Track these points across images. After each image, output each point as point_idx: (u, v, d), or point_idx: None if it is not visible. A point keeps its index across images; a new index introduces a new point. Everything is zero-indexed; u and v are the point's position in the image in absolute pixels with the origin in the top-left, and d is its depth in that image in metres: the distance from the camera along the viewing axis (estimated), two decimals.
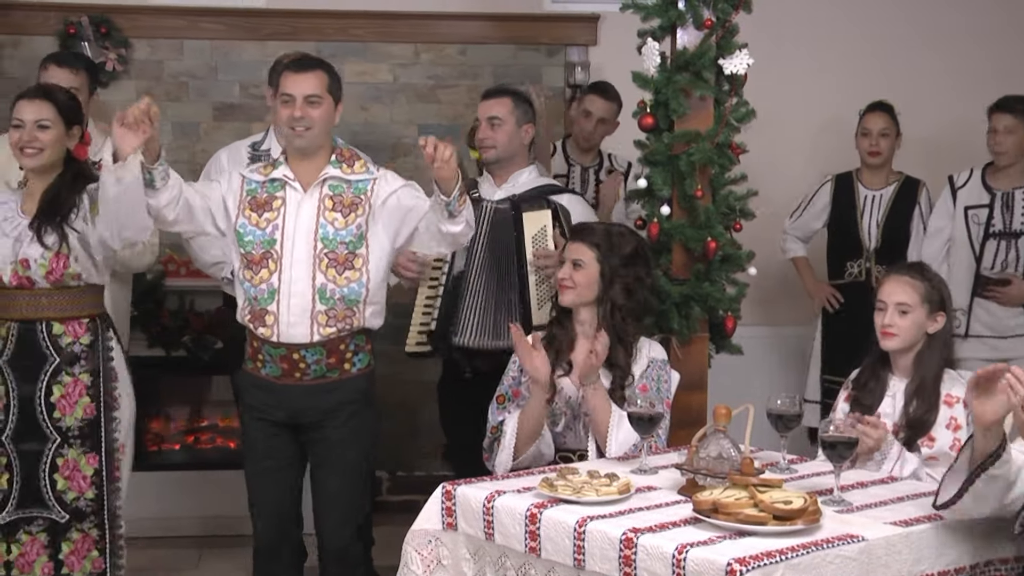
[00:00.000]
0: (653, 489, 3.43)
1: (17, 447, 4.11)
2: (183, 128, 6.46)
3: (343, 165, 4.13)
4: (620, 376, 3.97)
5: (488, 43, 6.59)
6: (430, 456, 6.53)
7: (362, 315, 4.10)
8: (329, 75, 4.13)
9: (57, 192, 4.13)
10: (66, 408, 4.13)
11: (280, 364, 4.09)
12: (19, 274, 4.08)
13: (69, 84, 4.73)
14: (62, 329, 4.13)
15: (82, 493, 4.15)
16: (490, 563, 3.38)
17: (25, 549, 4.13)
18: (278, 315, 4.05)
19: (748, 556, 2.85)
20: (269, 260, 4.07)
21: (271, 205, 4.10)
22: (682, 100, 4.33)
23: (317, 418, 4.12)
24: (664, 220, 4.38)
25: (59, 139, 4.13)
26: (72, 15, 6.26)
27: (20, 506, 4.12)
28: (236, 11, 6.45)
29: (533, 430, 3.95)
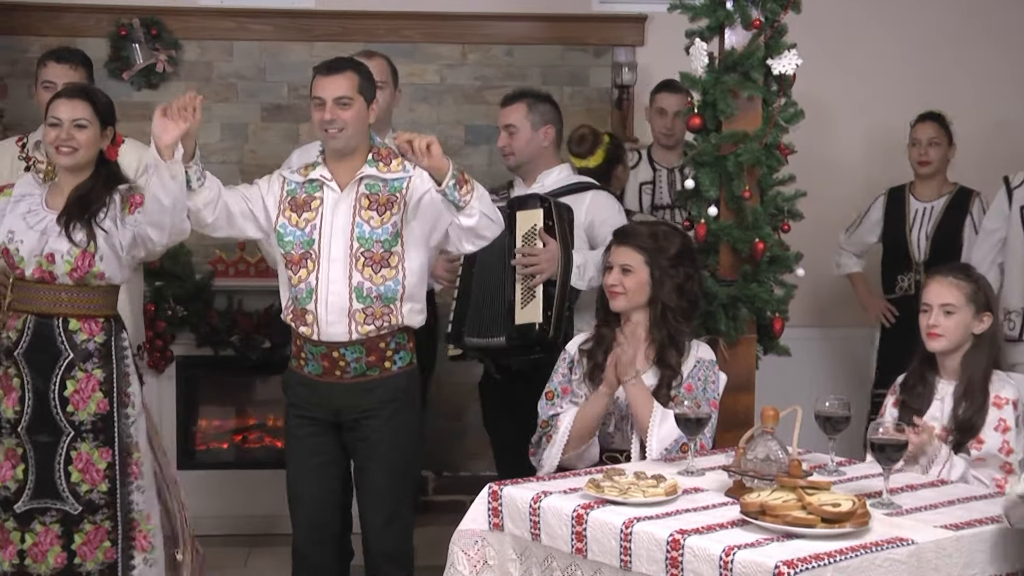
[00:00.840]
0: (700, 491, 3.42)
1: (32, 438, 4.12)
2: (232, 129, 6.50)
3: (379, 164, 4.14)
4: (669, 376, 3.95)
5: (535, 44, 6.58)
6: (476, 456, 6.53)
7: (400, 313, 4.11)
8: (360, 75, 4.14)
9: (89, 190, 4.13)
10: (79, 403, 4.13)
11: (321, 362, 4.11)
12: (43, 268, 4.09)
13: (68, 80, 4.75)
14: (78, 326, 4.14)
15: (95, 486, 4.15)
16: (536, 564, 3.37)
17: (39, 539, 4.13)
18: (317, 314, 4.07)
19: (796, 559, 2.83)
20: (308, 260, 4.09)
21: (310, 205, 4.13)
22: (730, 101, 4.31)
23: (358, 416, 4.13)
24: (711, 221, 4.35)
25: (95, 139, 4.13)
26: (123, 17, 6.31)
27: (35, 496, 4.13)
28: (285, 12, 6.47)
29: (588, 430, 3.94)
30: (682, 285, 4.00)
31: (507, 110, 4.81)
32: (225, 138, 6.48)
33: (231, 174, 6.26)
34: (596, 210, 4.68)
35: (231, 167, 6.36)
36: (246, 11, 6.45)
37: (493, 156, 6.53)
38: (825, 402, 3.54)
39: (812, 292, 6.14)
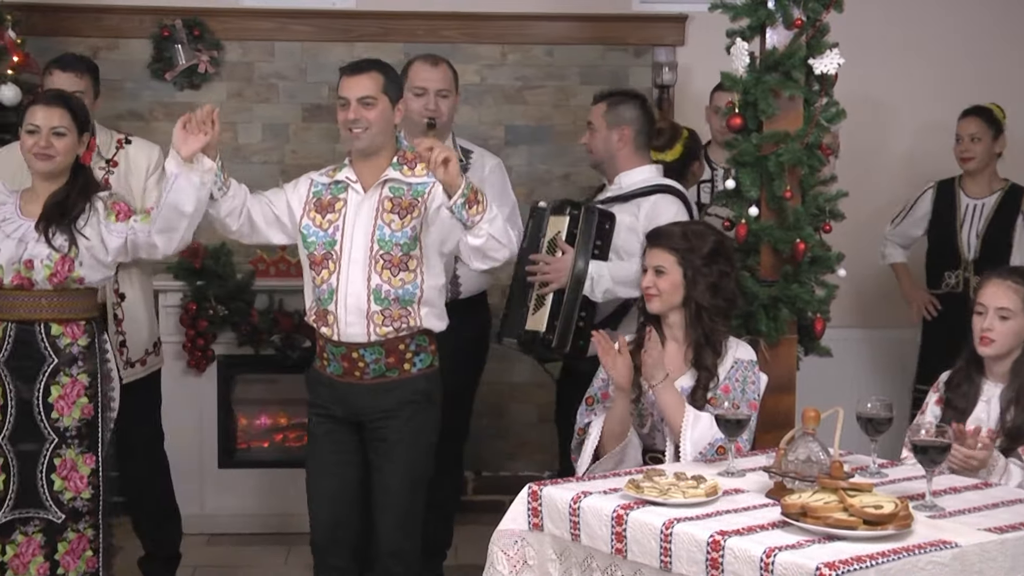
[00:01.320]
0: (740, 492, 3.40)
1: (15, 447, 4.12)
2: (273, 129, 6.52)
3: (404, 168, 4.15)
4: (706, 377, 3.93)
5: (575, 44, 6.57)
6: (515, 456, 6.54)
7: (418, 316, 4.12)
8: (385, 76, 4.15)
9: (65, 196, 4.15)
10: (64, 408, 4.14)
11: (342, 363, 4.13)
12: (21, 275, 4.10)
13: (74, 88, 4.73)
14: (60, 330, 4.15)
15: (79, 493, 4.16)
16: (576, 564, 3.36)
17: (21, 550, 4.13)
18: (337, 315, 4.08)
19: (838, 561, 2.81)
20: (329, 261, 4.11)
21: (334, 207, 4.15)
22: (771, 100, 4.28)
23: (377, 417, 4.14)
24: (752, 221, 4.33)
25: (72, 146, 4.17)
26: (166, 18, 6.35)
27: (17, 506, 4.13)
28: (326, 13, 6.49)
29: (618, 432, 3.92)
30: (716, 284, 3.96)
31: (592, 108, 4.84)
32: (266, 138, 6.50)
33: (272, 174, 6.28)
34: (654, 214, 4.64)
35: (272, 167, 6.39)
36: (287, 12, 6.47)
37: (533, 156, 6.54)
38: (867, 403, 3.51)
39: (855, 292, 6.12)
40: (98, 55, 6.36)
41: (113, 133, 5.03)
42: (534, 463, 6.37)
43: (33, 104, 4.22)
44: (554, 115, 6.56)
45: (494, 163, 5.21)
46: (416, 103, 4.86)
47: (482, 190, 4.01)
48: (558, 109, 6.57)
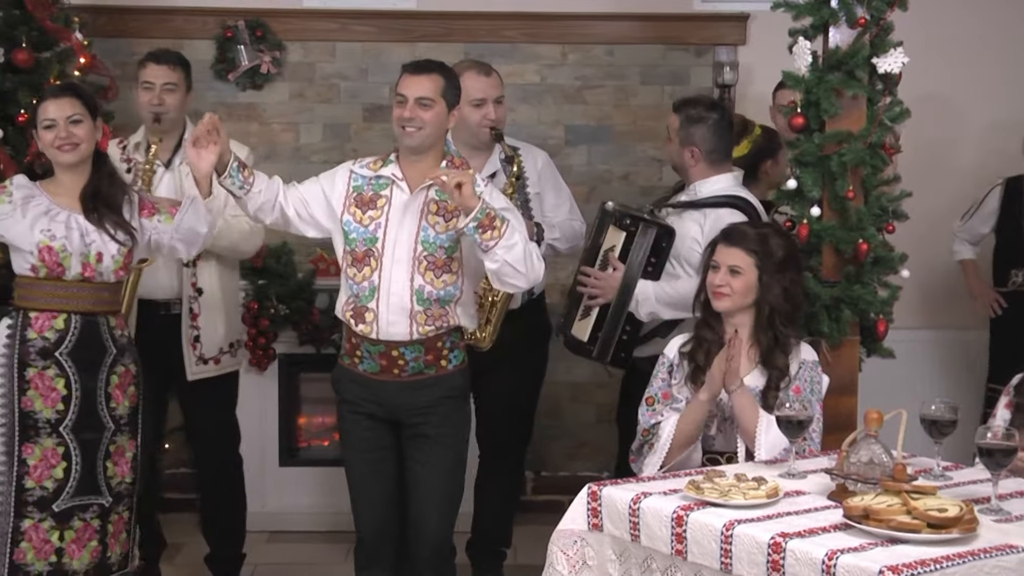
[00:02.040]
0: (802, 494, 3.37)
1: (78, 436, 4.19)
2: (334, 129, 6.55)
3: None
4: (777, 377, 3.91)
5: (636, 43, 6.55)
6: (574, 456, 6.53)
7: (455, 314, 4.15)
8: (446, 79, 4.14)
9: (98, 188, 4.22)
10: (119, 397, 4.24)
11: (379, 360, 4.12)
12: (90, 268, 4.16)
13: (167, 79, 4.92)
14: (115, 322, 4.26)
15: (123, 477, 4.26)
16: (636, 565, 3.36)
17: (78, 535, 4.19)
18: (378, 313, 4.08)
19: (901, 564, 2.79)
20: (371, 258, 4.10)
21: (375, 203, 4.14)
22: (834, 100, 4.25)
23: (415, 414, 4.15)
24: (814, 221, 4.29)
25: (91, 132, 4.21)
26: (229, 19, 6.40)
27: (77, 494, 4.18)
28: (387, 13, 6.50)
29: (691, 436, 3.91)
30: (788, 289, 3.96)
31: (670, 117, 4.84)
32: (327, 138, 6.53)
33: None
34: (717, 228, 4.62)
35: (332, 167, 6.38)
36: (349, 12, 6.49)
37: (593, 156, 6.53)
38: (931, 405, 3.48)
39: (923, 292, 6.07)
40: None
41: None
42: (593, 463, 6.35)
43: (42, 101, 4.26)
44: (614, 115, 6.55)
45: (543, 158, 5.18)
46: (476, 114, 4.84)
47: (505, 217, 3.97)
48: (618, 109, 6.55)
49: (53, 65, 5.63)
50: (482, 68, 4.95)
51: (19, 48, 5.57)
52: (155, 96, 4.93)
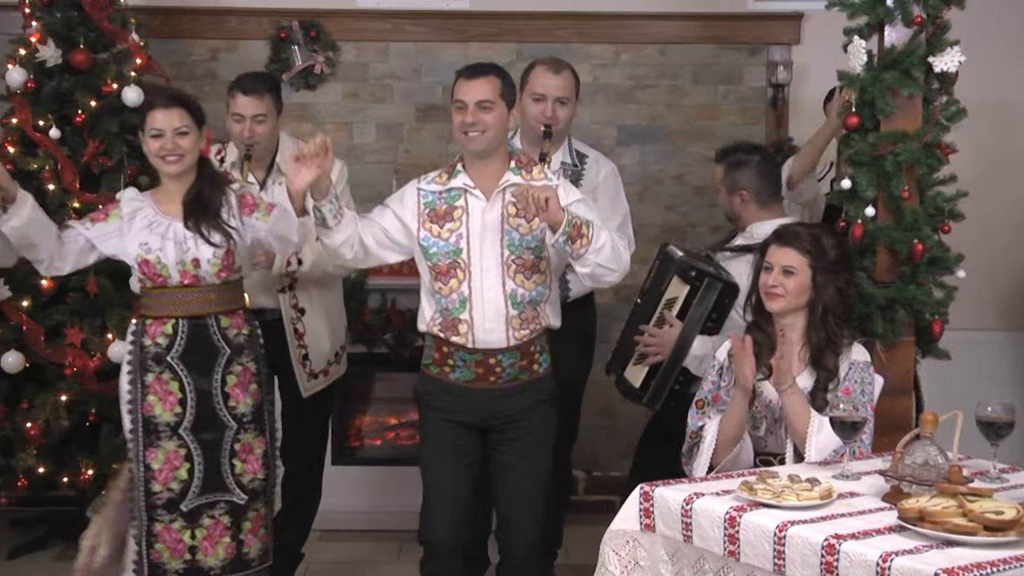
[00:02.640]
0: (856, 495, 3.35)
1: (197, 437, 4.24)
2: (387, 129, 6.58)
3: (522, 172, 4.13)
4: (826, 377, 3.89)
5: (689, 43, 6.55)
6: (626, 456, 6.50)
7: (545, 315, 4.15)
8: (502, 80, 4.13)
9: (198, 193, 4.25)
10: (239, 396, 4.29)
11: (475, 369, 4.11)
12: (190, 273, 4.22)
13: (256, 111, 4.80)
14: (228, 322, 4.30)
15: (255, 474, 4.32)
16: (688, 565, 3.35)
17: (208, 532, 4.26)
18: (472, 323, 4.07)
19: (957, 567, 2.77)
20: (457, 269, 4.09)
21: (452, 215, 4.12)
22: (889, 99, 4.21)
23: (509, 420, 4.14)
24: (868, 222, 4.27)
25: (196, 143, 4.26)
26: (283, 20, 6.45)
27: (202, 493, 4.26)
28: (440, 13, 6.53)
29: (734, 435, 3.89)
30: (843, 289, 3.95)
31: (714, 168, 4.87)
32: (380, 138, 6.56)
33: (386, 173, 6.34)
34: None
35: (386, 167, 6.44)
36: (402, 13, 6.52)
37: (645, 156, 6.53)
38: (987, 407, 3.44)
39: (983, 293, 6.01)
40: (218, 56, 6.50)
41: (298, 141, 5.12)
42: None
43: (151, 108, 4.29)
44: (667, 114, 6.54)
45: (608, 170, 5.10)
46: (534, 108, 4.84)
47: (588, 221, 3.95)
48: (671, 108, 6.54)
49: (110, 66, 5.71)
50: (552, 66, 4.90)
51: (77, 49, 5.66)
52: (246, 128, 4.81)
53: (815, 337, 3.93)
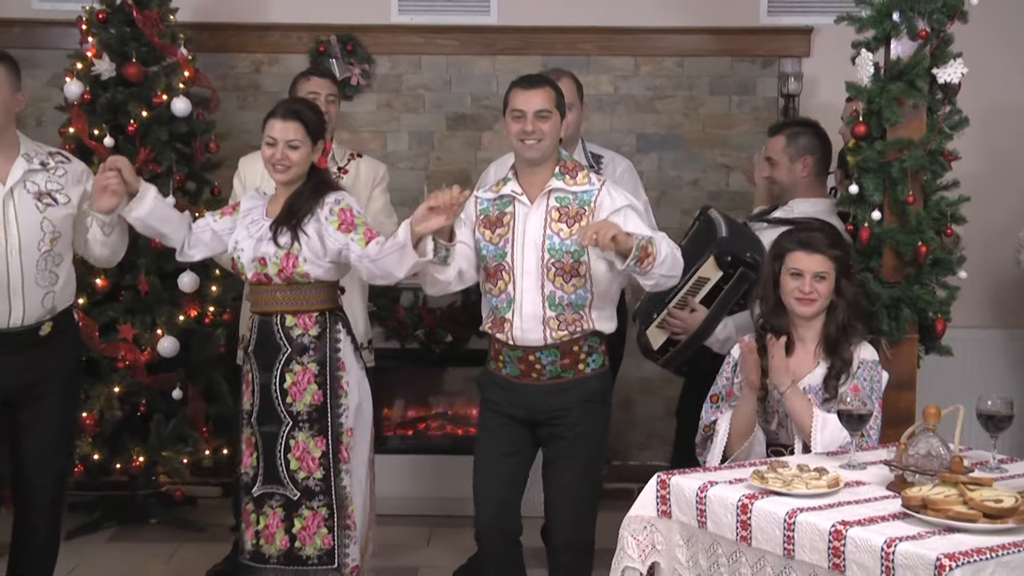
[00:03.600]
0: (862, 484, 3.34)
1: (260, 428, 4.24)
2: (419, 137, 6.58)
3: (566, 177, 4.08)
4: (840, 367, 3.88)
5: (705, 56, 6.52)
6: (644, 446, 6.52)
7: (590, 319, 4.07)
8: (556, 92, 4.11)
9: (298, 197, 4.20)
10: (296, 394, 4.20)
11: (519, 365, 4.09)
12: (258, 271, 4.18)
13: (327, 91, 4.94)
14: (294, 321, 4.20)
15: (311, 473, 4.21)
16: (702, 550, 3.34)
17: (268, 522, 4.24)
18: (513, 321, 4.05)
19: (958, 552, 2.76)
20: (503, 272, 4.07)
21: (502, 221, 4.10)
22: (895, 108, 4.20)
23: (553, 415, 4.10)
24: (875, 225, 4.25)
25: (306, 157, 4.19)
26: (322, 34, 6.45)
27: (264, 482, 4.24)
28: (470, 28, 6.53)
29: (745, 430, 3.88)
30: (859, 282, 3.96)
31: (769, 142, 4.77)
32: (413, 146, 6.57)
33: (417, 179, 6.36)
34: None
35: (418, 173, 6.45)
36: (433, 27, 6.52)
37: (663, 162, 6.53)
38: (987, 400, 3.43)
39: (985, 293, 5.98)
40: (260, 69, 6.52)
41: (347, 148, 5.20)
42: (662, 453, 6.31)
43: (271, 116, 4.22)
44: (684, 123, 6.53)
45: (625, 166, 5.18)
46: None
47: (650, 238, 3.89)
48: (688, 117, 6.53)
49: (160, 79, 5.73)
50: (555, 74, 4.81)
51: (130, 63, 5.68)
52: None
53: (833, 331, 3.90)
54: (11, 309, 4.15)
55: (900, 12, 4.20)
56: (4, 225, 4.13)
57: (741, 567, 3.22)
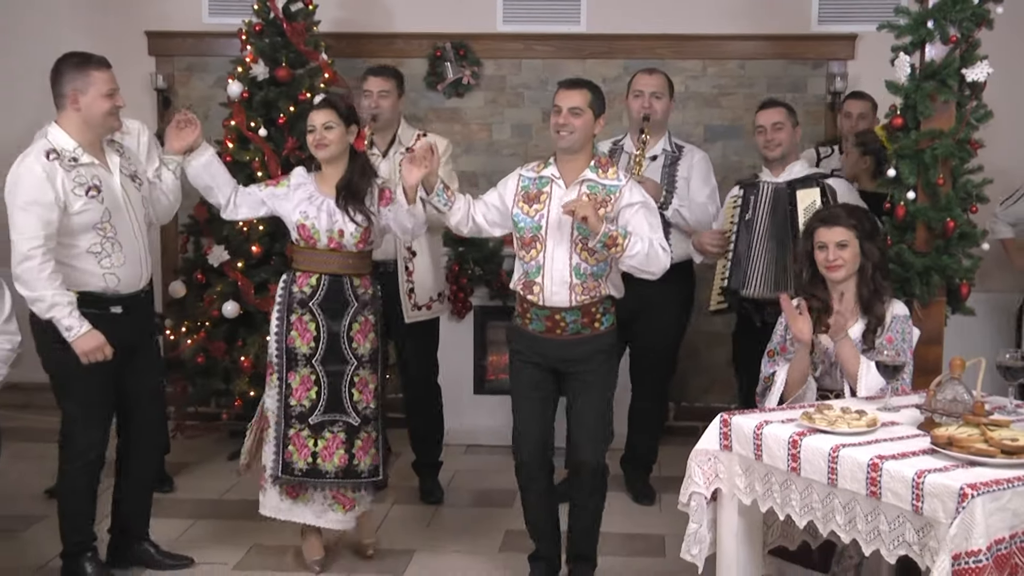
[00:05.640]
0: (896, 424, 3.31)
1: (325, 368, 4.31)
2: (519, 128, 6.59)
3: (599, 170, 4.09)
4: (874, 322, 3.83)
5: (763, 59, 6.45)
6: (709, 391, 6.50)
7: (606, 286, 4.10)
8: (593, 93, 4.09)
9: (350, 180, 4.29)
10: (360, 340, 4.33)
11: (545, 322, 4.10)
12: (335, 240, 4.27)
13: (381, 88, 5.02)
14: (359, 282, 4.34)
15: (368, 403, 4.35)
16: (758, 479, 3.34)
17: (327, 443, 4.32)
18: (543, 285, 4.06)
19: (979, 483, 2.74)
20: (536, 242, 4.07)
21: (539, 198, 4.10)
22: (928, 104, 4.13)
23: (572, 364, 4.11)
24: (910, 204, 4.19)
25: (341, 136, 4.28)
26: (439, 42, 6.48)
27: (325, 412, 4.32)
28: (563, 36, 6.52)
29: (799, 380, 3.85)
30: (882, 249, 3.91)
31: (772, 111, 4.78)
32: (513, 136, 6.58)
33: (517, 163, 6.29)
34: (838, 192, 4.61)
35: (518, 159, 6.45)
36: (532, 35, 6.52)
37: (727, 150, 6.47)
38: (1006, 354, 3.39)
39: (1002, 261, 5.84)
40: None
41: (415, 130, 5.24)
42: (724, 396, 6.31)
43: (310, 111, 4.37)
44: (745, 117, 6.44)
45: (700, 155, 5.20)
46: (635, 103, 5.02)
47: (626, 232, 3.93)
48: (748, 112, 6.40)
49: (305, 79, 5.79)
50: (648, 70, 5.15)
51: (280, 67, 5.76)
52: (373, 101, 5.04)
53: (865, 292, 3.86)
54: (142, 275, 4.22)
55: (934, 20, 4.12)
56: (127, 205, 4.15)
57: (791, 493, 3.22)
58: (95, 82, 4.00)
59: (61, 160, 3.98)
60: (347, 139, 4.32)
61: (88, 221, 4.00)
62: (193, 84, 6.63)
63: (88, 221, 4.00)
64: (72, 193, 3.97)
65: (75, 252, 4.01)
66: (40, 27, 6.60)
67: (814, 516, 3.15)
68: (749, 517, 3.45)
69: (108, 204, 4.05)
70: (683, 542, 3.51)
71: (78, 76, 4.00)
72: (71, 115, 4.02)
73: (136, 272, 4.16)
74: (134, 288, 4.17)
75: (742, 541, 3.46)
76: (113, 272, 4.07)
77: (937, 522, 2.78)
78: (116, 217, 4.07)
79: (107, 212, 4.04)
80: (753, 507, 3.39)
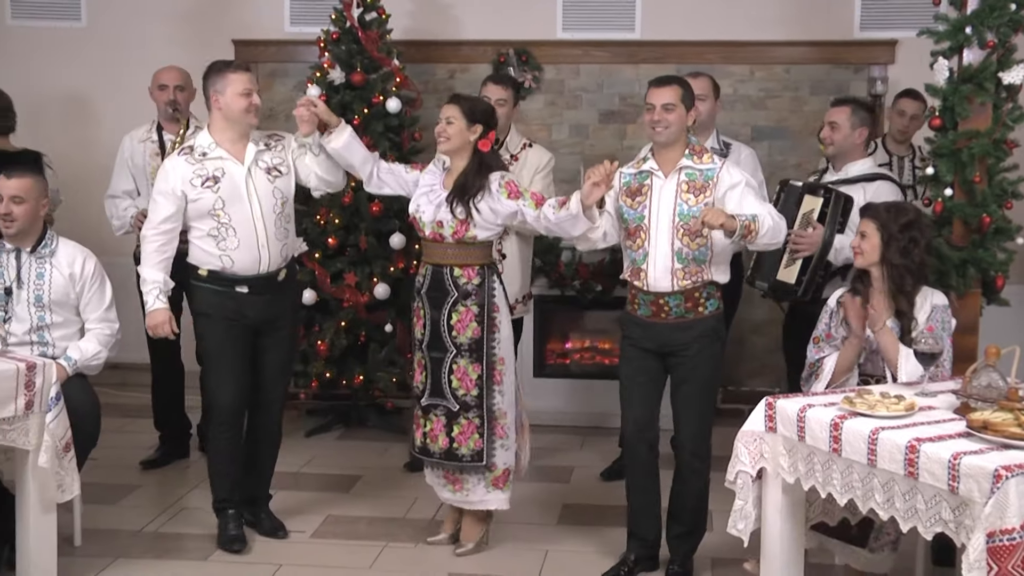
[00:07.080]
0: (933, 409, 3.28)
1: (429, 354, 4.29)
2: (577, 129, 6.58)
3: (694, 157, 4.05)
4: (906, 321, 3.78)
5: (807, 63, 6.38)
6: (755, 375, 6.45)
7: (709, 271, 4.05)
8: (683, 89, 4.06)
9: (466, 177, 4.21)
10: (461, 329, 4.23)
11: (651, 307, 4.08)
12: (435, 231, 4.23)
13: (498, 96, 4.96)
14: (460, 272, 4.23)
15: (468, 391, 4.24)
16: (801, 459, 3.32)
17: (433, 426, 4.30)
18: (647, 271, 4.05)
19: (1013, 464, 2.70)
20: (641, 232, 4.05)
21: (641, 191, 4.08)
22: (966, 105, 4.06)
23: (679, 347, 4.08)
24: (947, 200, 4.13)
25: (461, 131, 4.20)
26: (502, 48, 6.48)
27: (431, 396, 4.29)
28: (618, 42, 6.49)
29: (846, 368, 3.83)
30: (906, 247, 3.79)
31: (834, 110, 4.65)
32: (572, 136, 6.57)
33: (575, 162, 6.36)
34: (877, 196, 4.45)
35: (575, 157, 6.46)
36: (590, 42, 6.51)
37: (773, 150, 6.41)
38: None
39: None
40: (454, 76, 6.59)
41: (523, 138, 5.23)
42: (769, 380, 6.28)
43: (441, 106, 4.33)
44: (790, 118, 6.40)
45: (748, 152, 5.16)
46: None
47: (754, 215, 3.86)
48: (793, 114, 6.40)
49: (378, 84, 5.82)
50: (694, 75, 4.83)
51: (355, 72, 5.79)
52: None
53: (891, 286, 3.81)
54: (261, 259, 4.28)
55: (972, 26, 4.06)
56: (249, 195, 4.24)
57: (832, 473, 3.20)
58: (231, 83, 4.21)
59: (192, 155, 4.26)
60: (467, 135, 4.21)
61: (203, 208, 4.22)
62: (275, 88, 6.70)
63: (203, 208, 4.22)
64: (190, 184, 4.22)
65: (199, 234, 4.27)
66: (139, 38, 6.71)
67: (854, 494, 3.12)
68: (792, 495, 3.43)
69: (224, 194, 4.22)
70: (730, 517, 3.51)
71: (218, 79, 4.23)
72: (215, 114, 4.28)
73: (253, 256, 4.26)
74: (252, 271, 4.27)
75: (785, 517, 3.44)
76: (228, 254, 4.24)
77: (972, 501, 2.74)
78: (233, 206, 4.22)
79: (220, 200, 4.21)
80: (796, 485, 3.37)
